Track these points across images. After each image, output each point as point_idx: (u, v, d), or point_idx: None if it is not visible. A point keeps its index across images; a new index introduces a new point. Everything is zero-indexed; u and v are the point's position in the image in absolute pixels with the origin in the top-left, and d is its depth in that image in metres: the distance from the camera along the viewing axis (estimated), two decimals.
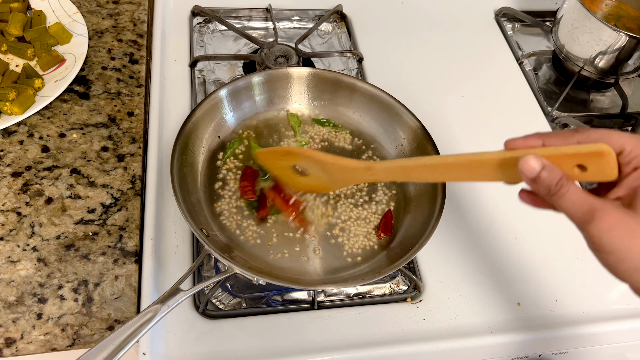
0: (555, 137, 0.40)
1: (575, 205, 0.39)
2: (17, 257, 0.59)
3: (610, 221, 0.37)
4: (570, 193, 0.39)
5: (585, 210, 0.38)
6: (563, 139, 0.40)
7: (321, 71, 0.72)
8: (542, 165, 0.39)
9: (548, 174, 0.39)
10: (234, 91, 0.69)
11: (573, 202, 0.39)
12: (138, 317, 0.49)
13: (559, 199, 0.39)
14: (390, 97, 0.70)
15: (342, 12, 0.94)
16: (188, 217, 0.56)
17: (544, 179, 0.39)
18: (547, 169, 0.39)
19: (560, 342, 0.64)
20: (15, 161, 0.66)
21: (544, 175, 0.39)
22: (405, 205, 0.67)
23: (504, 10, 1.00)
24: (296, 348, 0.58)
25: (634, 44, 0.80)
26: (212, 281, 0.56)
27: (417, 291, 0.64)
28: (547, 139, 0.41)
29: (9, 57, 0.76)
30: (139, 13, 0.85)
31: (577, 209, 0.39)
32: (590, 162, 0.38)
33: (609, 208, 0.38)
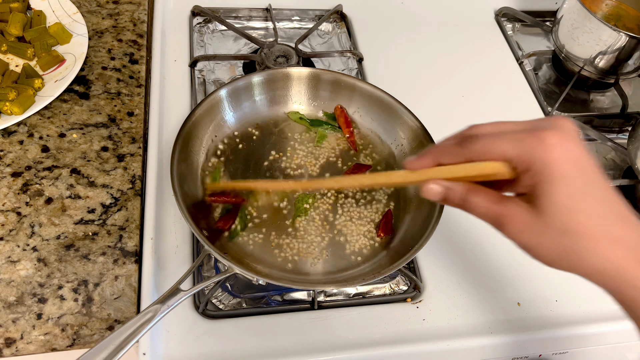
0: (446, 155, 0.43)
1: (484, 214, 0.42)
2: (17, 257, 0.59)
3: (517, 226, 0.40)
4: (476, 205, 0.42)
5: (493, 217, 0.41)
6: (452, 156, 0.43)
7: (321, 71, 0.72)
8: (444, 188, 0.43)
9: (452, 194, 0.43)
10: (234, 91, 0.69)
11: (481, 211, 0.42)
12: (138, 317, 0.49)
13: (469, 210, 0.43)
14: (390, 97, 0.70)
15: (342, 12, 0.94)
16: (188, 217, 0.56)
17: (450, 198, 0.43)
18: (450, 190, 0.43)
19: (560, 342, 0.64)
20: (15, 161, 0.66)
21: (449, 195, 0.43)
22: (405, 205, 0.66)
23: (504, 10, 1.00)
24: (296, 348, 0.58)
25: (634, 44, 0.80)
26: (212, 281, 0.56)
27: (417, 291, 0.64)
28: (439, 157, 0.44)
29: (8, 57, 0.76)
30: (139, 13, 0.85)
31: (487, 217, 0.42)
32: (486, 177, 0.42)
33: (514, 212, 0.40)
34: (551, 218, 0.39)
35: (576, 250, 0.39)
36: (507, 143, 0.40)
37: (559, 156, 0.38)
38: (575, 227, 0.38)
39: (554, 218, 0.38)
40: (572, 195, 0.38)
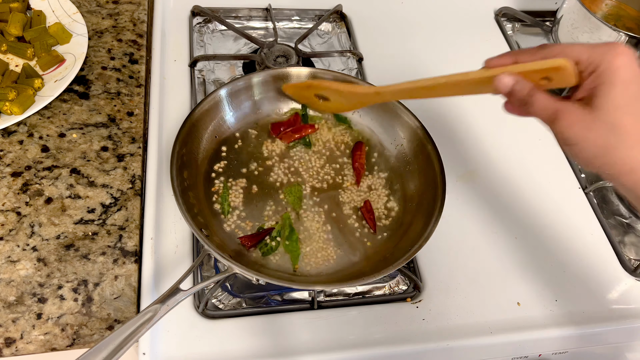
0: (524, 55, 0.48)
1: (543, 109, 0.46)
2: (17, 257, 0.59)
3: (570, 119, 0.44)
4: (538, 100, 0.46)
5: (551, 112, 0.45)
6: (530, 56, 0.47)
7: (321, 71, 0.72)
8: (515, 81, 0.47)
9: (520, 87, 0.47)
10: (234, 91, 0.69)
11: (541, 107, 0.46)
12: (138, 317, 0.49)
13: (530, 107, 0.47)
14: None
15: (342, 12, 0.94)
16: (188, 217, 0.56)
17: (516, 92, 0.47)
18: (519, 83, 0.47)
19: (560, 342, 0.64)
20: (15, 161, 0.66)
21: (516, 88, 0.47)
22: (405, 204, 0.66)
23: (504, 10, 1.00)
24: (296, 348, 0.58)
25: (634, 44, 0.80)
26: (212, 281, 0.56)
27: (417, 291, 0.64)
28: (518, 56, 0.48)
29: (8, 57, 0.76)
30: (138, 13, 0.85)
31: (544, 112, 0.46)
32: (553, 74, 0.45)
33: (570, 108, 0.44)
34: (603, 113, 0.43)
35: (617, 146, 0.43)
36: (582, 47, 0.45)
37: (624, 63, 0.43)
38: (622, 126, 0.42)
39: (606, 114, 0.43)
40: (627, 98, 0.43)
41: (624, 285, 0.68)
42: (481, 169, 0.76)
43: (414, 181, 0.67)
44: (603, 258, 0.70)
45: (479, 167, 0.76)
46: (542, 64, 0.46)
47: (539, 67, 0.46)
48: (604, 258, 0.70)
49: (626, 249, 0.73)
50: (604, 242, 0.71)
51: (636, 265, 0.69)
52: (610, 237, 0.72)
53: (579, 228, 0.72)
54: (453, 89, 0.56)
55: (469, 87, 0.53)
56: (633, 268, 0.69)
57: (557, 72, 0.45)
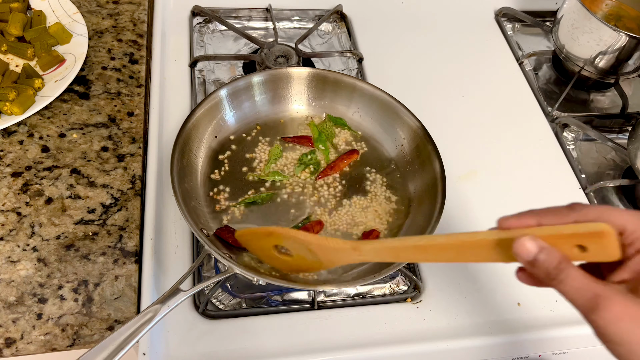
0: (551, 216, 0.38)
1: (578, 291, 0.36)
2: (17, 257, 0.59)
3: (616, 311, 0.35)
4: (572, 278, 0.36)
5: (588, 297, 0.36)
6: (559, 218, 0.38)
7: (321, 71, 0.72)
8: (539, 248, 0.37)
9: (546, 257, 0.37)
10: (234, 91, 0.69)
11: (575, 288, 0.36)
12: (138, 317, 0.49)
13: (559, 284, 0.37)
14: (390, 97, 0.70)
15: (342, 12, 0.94)
16: (188, 217, 0.56)
17: (541, 262, 0.37)
18: (545, 252, 0.37)
19: (560, 343, 0.64)
20: (15, 161, 0.66)
21: (541, 258, 0.37)
22: (405, 204, 0.66)
23: (504, 10, 1.00)
24: (296, 348, 0.58)
25: (634, 44, 0.80)
26: (212, 281, 0.56)
27: (417, 291, 0.64)
28: (542, 217, 0.39)
29: (9, 57, 0.76)
30: (139, 13, 0.85)
31: (579, 296, 0.36)
32: (591, 243, 0.36)
33: (615, 296, 0.35)
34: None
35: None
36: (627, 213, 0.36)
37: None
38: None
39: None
40: None
41: None
42: (481, 169, 0.76)
43: (414, 181, 0.67)
44: None
45: (479, 167, 0.76)
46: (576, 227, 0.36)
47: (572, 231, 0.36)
48: None
49: None
50: None
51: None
52: None
53: None
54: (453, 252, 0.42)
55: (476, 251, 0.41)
56: None
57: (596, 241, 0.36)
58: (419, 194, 0.66)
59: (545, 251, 0.36)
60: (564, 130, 0.84)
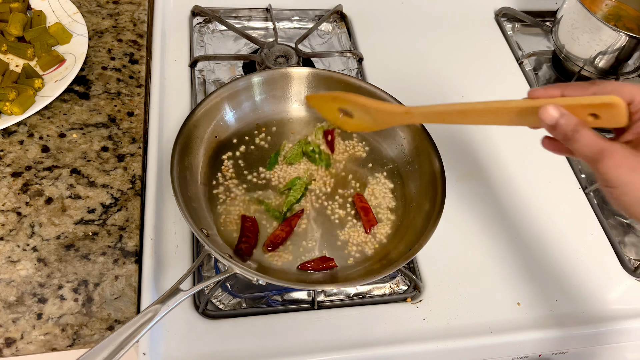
0: (574, 88, 0.45)
1: (588, 146, 0.43)
2: (17, 257, 0.59)
3: (616, 160, 0.42)
4: (584, 136, 0.44)
5: (595, 150, 0.43)
6: (580, 90, 0.45)
7: (321, 71, 0.72)
8: (560, 114, 0.44)
9: (565, 121, 0.44)
10: (234, 91, 0.69)
11: (586, 144, 0.44)
12: (138, 317, 0.49)
13: (574, 143, 0.44)
14: (390, 97, 0.70)
15: (342, 12, 0.94)
16: (188, 217, 0.56)
17: (561, 125, 0.44)
18: (565, 117, 0.44)
19: (560, 342, 0.64)
20: (15, 161, 0.66)
21: (561, 122, 0.44)
22: (405, 204, 0.67)
23: (504, 10, 1.00)
24: (296, 348, 0.58)
25: (634, 44, 0.80)
26: (212, 281, 0.56)
27: (417, 291, 0.64)
28: (566, 89, 0.46)
29: (9, 57, 0.76)
30: (139, 13, 0.85)
31: (589, 150, 0.43)
32: (603, 111, 0.43)
33: (616, 148, 0.42)
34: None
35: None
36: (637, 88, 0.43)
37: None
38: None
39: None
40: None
41: (624, 286, 0.68)
42: (481, 169, 0.76)
43: (414, 181, 0.67)
44: (603, 258, 0.70)
45: (479, 167, 0.76)
46: (592, 99, 0.44)
47: (589, 102, 0.44)
48: (604, 258, 0.70)
49: (626, 249, 0.73)
50: (604, 242, 0.71)
51: (636, 266, 0.69)
52: (611, 237, 0.72)
53: (579, 228, 0.72)
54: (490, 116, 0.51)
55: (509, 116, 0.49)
56: (633, 268, 0.69)
57: (607, 110, 0.43)
58: (418, 194, 0.66)
59: (565, 116, 0.44)
60: None
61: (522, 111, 0.47)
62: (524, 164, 0.78)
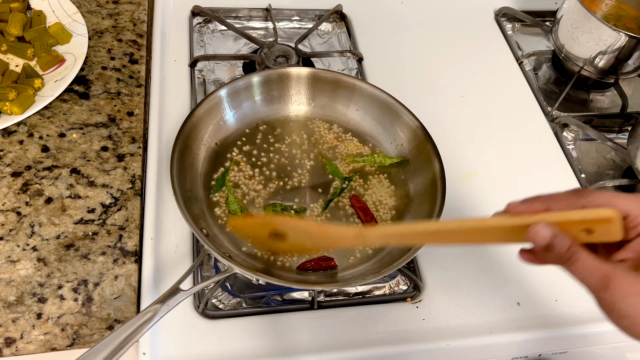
0: (560, 201, 0.41)
1: (588, 272, 0.39)
2: (17, 257, 0.59)
3: (624, 289, 0.38)
4: (582, 260, 0.39)
5: (598, 277, 0.38)
6: (568, 203, 0.40)
7: (321, 71, 0.72)
8: (554, 234, 0.39)
9: (559, 242, 0.39)
10: (234, 91, 0.69)
11: (585, 269, 0.39)
12: (138, 316, 0.49)
13: (570, 266, 0.40)
14: (390, 97, 0.70)
15: (342, 12, 0.94)
16: (188, 217, 0.56)
17: (555, 247, 0.39)
18: (558, 237, 0.39)
19: (560, 342, 0.64)
20: (15, 161, 0.66)
21: (555, 241, 0.39)
22: (405, 204, 0.67)
23: (504, 10, 1.00)
24: (296, 348, 0.58)
25: (634, 43, 0.80)
26: (212, 281, 0.56)
27: (417, 291, 0.64)
28: (551, 203, 0.41)
29: (8, 57, 0.76)
30: (139, 13, 0.85)
31: (590, 276, 0.39)
32: (598, 227, 0.39)
33: (622, 275, 0.38)
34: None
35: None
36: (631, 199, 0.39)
37: None
38: None
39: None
40: None
41: None
42: (481, 169, 0.76)
43: (414, 181, 0.67)
44: None
45: (479, 167, 0.76)
46: (585, 214, 0.39)
47: (582, 217, 0.39)
48: None
49: None
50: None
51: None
52: None
53: None
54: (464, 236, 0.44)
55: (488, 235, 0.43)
56: None
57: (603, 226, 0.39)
58: (418, 194, 0.66)
59: (559, 236, 0.39)
60: (564, 130, 0.84)
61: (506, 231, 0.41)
62: (524, 163, 0.78)
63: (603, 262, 0.39)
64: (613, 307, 0.38)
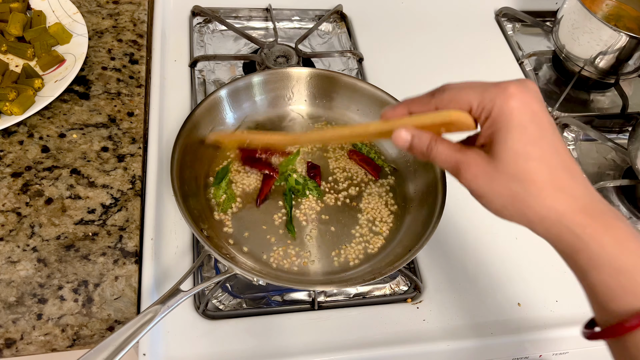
0: (416, 104, 0.45)
1: (445, 162, 0.44)
2: (17, 258, 0.59)
3: (473, 170, 0.42)
4: (439, 153, 0.44)
5: (452, 164, 0.44)
6: (422, 105, 0.45)
7: (321, 71, 0.72)
8: (412, 135, 0.45)
9: (418, 141, 0.45)
10: (234, 91, 0.69)
11: (443, 160, 0.44)
12: (138, 317, 0.49)
13: (432, 160, 0.45)
14: (390, 98, 0.70)
15: (342, 12, 0.94)
16: (188, 217, 0.56)
17: (416, 146, 0.45)
18: (417, 137, 0.45)
19: (561, 343, 0.64)
20: (15, 161, 0.66)
21: (415, 142, 0.45)
22: (405, 205, 0.66)
23: (504, 10, 1.00)
24: (296, 348, 0.58)
25: (634, 44, 0.80)
26: (212, 282, 0.56)
27: (417, 291, 0.64)
28: (411, 106, 0.46)
29: (8, 57, 0.76)
30: (139, 13, 0.85)
31: (447, 165, 0.44)
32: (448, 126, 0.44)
33: (472, 158, 0.42)
34: (503, 164, 0.40)
35: (523, 196, 0.40)
36: (472, 92, 0.42)
37: (517, 106, 0.40)
38: (525, 174, 0.40)
39: (507, 164, 0.40)
40: (525, 143, 0.40)
41: None
42: None
43: (414, 182, 0.67)
44: None
45: None
46: (434, 117, 0.44)
47: (431, 121, 0.44)
48: None
49: None
50: None
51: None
52: None
53: None
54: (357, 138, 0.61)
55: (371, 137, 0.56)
56: None
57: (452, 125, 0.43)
58: (419, 195, 0.66)
59: (417, 136, 0.45)
60: (565, 131, 0.84)
61: (381, 134, 0.49)
62: None
63: (456, 151, 0.44)
64: (470, 189, 0.43)
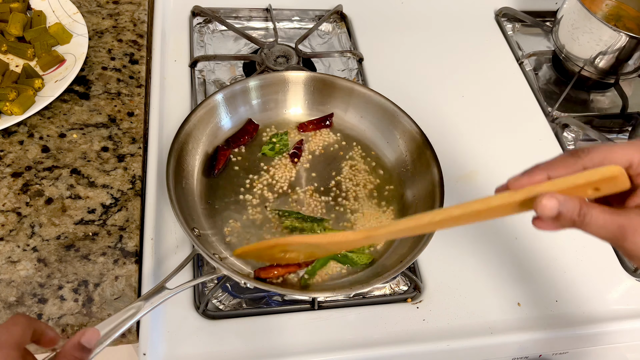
0: (560, 167, 0.40)
1: (603, 228, 0.39)
2: (17, 258, 0.59)
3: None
4: (595, 218, 0.39)
5: (614, 230, 0.39)
6: (568, 168, 0.40)
7: (318, 75, 0.72)
8: (559, 202, 0.38)
9: (567, 208, 0.38)
10: (230, 95, 0.69)
11: (600, 225, 0.39)
12: (120, 312, 0.49)
13: (585, 227, 0.39)
14: (388, 101, 0.70)
15: (342, 12, 0.94)
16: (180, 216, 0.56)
17: (565, 214, 0.38)
18: (565, 204, 0.38)
19: (560, 343, 0.64)
20: (15, 161, 0.66)
21: (563, 210, 0.38)
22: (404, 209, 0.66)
23: (504, 10, 1.00)
24: (296, 348, 0.58)
25: (634, 44, 0.80)
26: (199, 281, 0.55)
27: (417, 291, 0.64)
28: (551, 170, 0.40)
29: (9, 57, 0.76)
30: (139, 13, 0.85)
31: (606, 231, 0.39)
32: (603, 184, 0.39)
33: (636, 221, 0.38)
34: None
35: None
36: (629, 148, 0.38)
37: None
38: None
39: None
40: None
41: (624, 286, 0.68)
42: (481, 169, 0.76)
43: (412, 187, 0.67)
44: (603, 258, 0.70)
45: (479, 167, 0.76)
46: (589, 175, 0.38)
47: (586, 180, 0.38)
48: (604, 258, 0.70)
49: None
50: (604, 242, 0.71)
51: (636, 266, 0.69)
52: None
53: None
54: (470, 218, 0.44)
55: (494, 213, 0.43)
56: (633, 268, 0.69)
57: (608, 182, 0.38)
58: (417, 200, 0.66)
59: (565, 203, 0.38)
60: (564, 131, 0.84)
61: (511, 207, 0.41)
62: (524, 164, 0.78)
63: (616, 214, 0.39)
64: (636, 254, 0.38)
